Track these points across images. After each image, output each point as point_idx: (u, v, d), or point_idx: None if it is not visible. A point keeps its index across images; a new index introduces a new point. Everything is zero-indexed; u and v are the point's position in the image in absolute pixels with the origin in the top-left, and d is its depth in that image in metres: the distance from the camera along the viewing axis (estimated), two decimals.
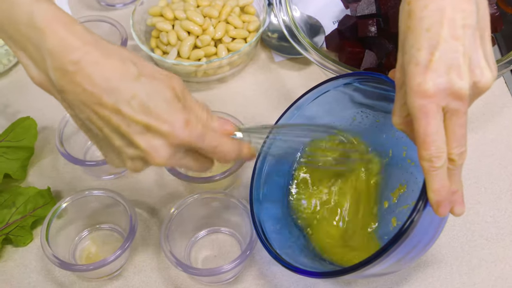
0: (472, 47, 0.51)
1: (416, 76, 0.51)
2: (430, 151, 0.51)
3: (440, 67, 0.50)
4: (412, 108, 0.51)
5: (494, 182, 0.74)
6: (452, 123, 0.51)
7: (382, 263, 0.56)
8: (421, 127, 0.51)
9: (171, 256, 0.65)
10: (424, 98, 0.50)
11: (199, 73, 0.84)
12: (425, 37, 0.51)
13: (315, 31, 0.87)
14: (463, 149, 0.52)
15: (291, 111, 0.70)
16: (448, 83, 0.50)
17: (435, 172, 0.51)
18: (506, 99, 0.81)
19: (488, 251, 0.69)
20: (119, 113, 0.52)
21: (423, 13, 0.51)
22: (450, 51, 0.50)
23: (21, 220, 0.73)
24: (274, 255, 0.62)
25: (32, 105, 0.85)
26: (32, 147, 0.79)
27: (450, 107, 0.51)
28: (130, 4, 0.98)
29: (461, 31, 0.50)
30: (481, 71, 0.51)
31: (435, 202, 0.52)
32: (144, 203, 0.76)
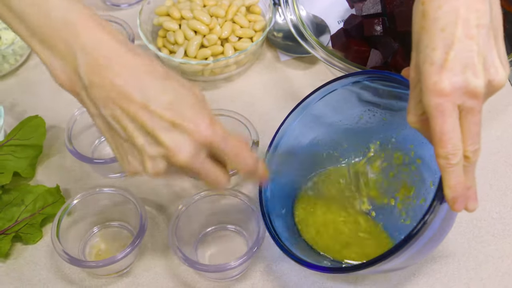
0: (487, 46, 0.51)
1: (432, 75, 0.51)
2: (446, 148, 0.52)
3: (455, 66, 0.51)
4: (428, 107, 0.52)
5: (500, 179, 0.75)
6: (468, 121, 0.52)
7: (393, 261, 0.56)
8: (438, 125, 0.51)
9: (179, 252, 0.66)
10: (440, 96, 0.51)
11: (206, 72, 0.85)
12: (440, 37, 0.51)
13: (320, 30, 0.87)
14: (477, 147, 0.53)
15: (298, 110, 0.71)
16: (464, 81, 0.51)
17: (451, 169, 0.52)
18: (510, 98, 0.82)
19: (494, 247, 0.70)
20: (146, 109, 0.53)
21: (437, 13, 0.52)
22: (465, 51, 0.51)
23: (30, 218, 0.74)
24: (285, 250, 0.63)
25: (39, 104, 0.86)
26: (40, 145, 0.79)
27: (465, 105, 0.51)
28: (135, 4, 0.98)
29: (475, 30, 0.51)
30: (495, 69, 0.52)
31: (451, 198, 0.53)
32: (151, 201, 0.77)
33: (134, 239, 0.68)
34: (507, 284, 0.67)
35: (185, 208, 0.70)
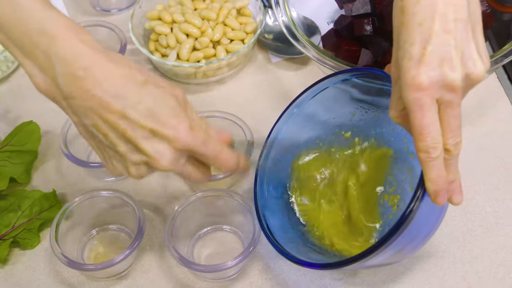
0: (464, 40, 0.52)
1: (410, 70, 0.52)
2: (426, 142, 0.52)
3: (433, 61, 0.51)
4: (407, 102, 0.53)
5: (491, 173, 0.76)
6: (447, 114, 0.53)
7: (383, 253, 0.57)
8: (417, 119, 0.52)
9: (175, 252, 0.67)
10: (418, 91, 0.52)
11: (198, 75, 0.85)
12: (418, 31, 0.52)
13: (311, 31, 0.88)
14: (458, 140, 0.54)
15: (291, 110, 0.72)
16: (441, 75, 0.51)
17: (432, 162, 0.53)
18: (499, 94, 0.83)
19: (489, 240, 0.71)
20: (125, 118, 0.54)
21: (416, 8, 0.53)
22: (442, 45, 0.52)
23: (28, 223, 0.74)
24: (277, 247, 0.64)
25: (33, 110, 0.86)
26: (36, 150, 0.79)
27: (444, 99, 0.52)
28: (125, 9, 0.99)
29: (453, 25, 0.52)
30: (473, 63, 0.52)
31: (433, 191, 0.54)
32: (148, 203, 0.77)
33: (133, 242, 0.68)
34: (503, 276, 0.68)
35: (181, 209, 0.70)
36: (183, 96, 0.58)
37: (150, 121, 0.54)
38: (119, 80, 0.54)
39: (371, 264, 0.60)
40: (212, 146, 0.58)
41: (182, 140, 0.55)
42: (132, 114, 0.54)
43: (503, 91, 0.83)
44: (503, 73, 0.85)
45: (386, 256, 0.59)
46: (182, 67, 0.83)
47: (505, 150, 0.78)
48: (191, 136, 0.56)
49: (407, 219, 0.55)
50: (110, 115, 0.54)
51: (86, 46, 0.54)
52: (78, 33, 0.54)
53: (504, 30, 0.83)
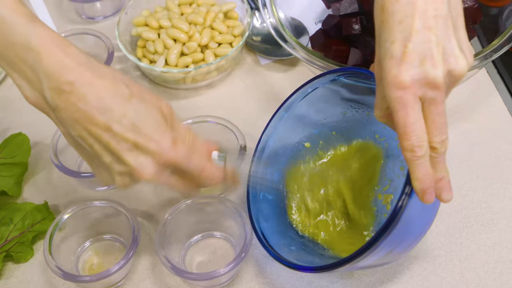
0: (445, 36, 0.52)
1: (392, 68, 0.52)
2: (411, 141, 0.52)
3: (414, 58, 0.51)
4: (390, 101, 0.52)
5: (485, 168, 0.76)
6: (431, 112, 0.52)
7: (376, 253, 0.57)
8: (401, 118, 0.52)
9: (167, 262, 0.66)
10: (401, 89, 0.51)
11: (187, 80, 0.85)
12: (398, 29, 0.52)
13: (299, 32, 0.88)
14: (445, 137, 0.53)
15: (282, 112, 0.72)
16: (422, 73, 0.51)
17: (418, 161, 0.53)
18: (490, 89, 0.83)
19: (485, 235, 0.71)
20: (109, 131, 0.55)
21: (395, 6, 0.52)
22: (423, 42, 0.51)
23: (20, 236, 0.73)
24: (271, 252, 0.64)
25: (22, 121, 0.85)
26: (26, 162, 0.78)
27: (427, 96, 0.52)
28: (110, 16, 0.98)
29: (433, 21, 0.51)
30: (455, 59, 0.52)
31: (420, 190, 0.54)
32: (141, 211, 0.77)
33: (128, 251, 0.67)
34: (500, 271, 0.68)
35: (170, 218, 0.70)
36: (169, 109, 0.59)
37: (133, 135, 0.55)
38: (104, 93, 0.54)
39: (366, 265, 0.60)
40: (196, 161, 0.59)
41: (164, 154, 0.56)
42: (116, 127, 0.55)
43: (493, 86, 0.83)
44: (493, 68, 0.85)
45: (380, 255, 0.59)
46: (171, 72, 0.83)
47: (498, 145, 0.78)
48: (174, 150, 0.57)
49: (395, 218, 0.55)
50: (94, 127, 0.55)
51: (71, 59, 0.54)
52: (62, 47, 0.55)
53: (492, 25, 0.83)
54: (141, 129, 0.55)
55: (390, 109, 0.53)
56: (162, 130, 0.56)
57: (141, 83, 0.89)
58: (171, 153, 0.56)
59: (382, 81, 0.53)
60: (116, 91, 0.55)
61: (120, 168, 0.57)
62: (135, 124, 0.55)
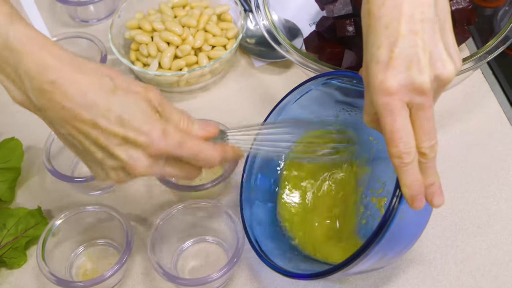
0: (432, 40, 0.51)
1: (378, 74, 0.51)
2: (398, 147, 0.51)
3: (400, 64, 0.50)
4: (377, 106, 0.52)
5: (480, 170, 0.76)
6: (419, 117, 0.52)
7: (368, 259, 0.56)
8: (387, 124, 0.51)
9: (159, 267, 0.66)
10: (387, 95, 0.51)
11: (181, 83, 0.84)
12: (384, 34, 0.51)
13: (293, 34, 0.87)
14: (433, 142, 0.52)
15: (274, 114, 0.71)
16: (409, 78, 0.50)
17: (406, 167, 0.52)
18: (485, 90, 0.83)
19: (481, 238, 0.70)
20: (97, 127, 0.54)
21: (381, 11, 0.52)
22: (409, 47, 0.50)
23: (14, 242, 0.72)
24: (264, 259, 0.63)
25: (14, 125, 0.84)
26: (19, 167, 0.78)
27: (414, 102, 0.51)
28: (104, 19, 0.97)
29: (420, 25, 0.51)
30: (442, 63, 0.51)
31: (409, 196, 0.53)
32: (136, 215, 0.76)
33: (121, 256, 0.67)
34: (496, 274, 0.68)
35: (162, 223, 0.69)
36: (158, 97, 0.57)
37: (121, 129, 0.54)
38: (87, 89, 0.53)
39: (359, 270, 0.60)
40: (189, 147, 0.57)
41: (155, 145, 0.55)
42: (103, 123, 0.54)
43: (489, 87, 0.83)
44: (488, 69, 0.84)
45: (373, 261, 0.58)
46: (164, 76, 0.82)
47: (493, 146, 0.77)
48: (164, 140, 0.55)
49: (386, 223, 0.54)
50: (81, 124, 0.54)
51: (52, 58, 0.53)
52: (44, 46, 0.54)
53: (487, 26, 0.83)
54: (129, 122, 0.54)
55: (377, 115, 0.52)
56: (151, 121, 0.55)
57: None
58: (161, 144, 0.55)
59: (369, 86, 0.53)
60: (100, 85, 0.54)
61: (112, 163, 0.56)
62: (122, 117, 0.54)
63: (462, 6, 0.79)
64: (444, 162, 0.76)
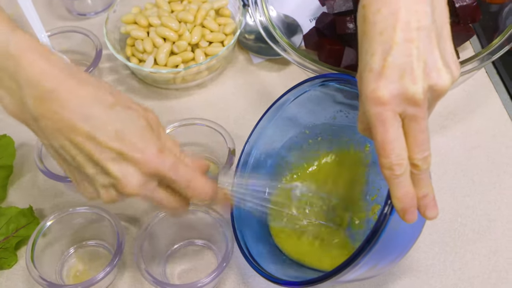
0: (427, 49, 0.49)
1: (370, 82, 0.49)
2: (390, 159, 0.49)
3: (393, 73, 0.48)
4: (368, 116, 0.50)
5: (482, 174, 0.74)
6: (412, 129, 0.50)
7: (358, 268, 0.55)
8: (379, 135, 0.49)
9: (148, 275, 0.64)
10: (379, 105, 0.49)
11: (177, 80, 0.83)
12: (378, 41, 0.49)
13: (292, 30, 0.85)
14: (427, 154, 0.50)
15: (272, 113, 0.69)
16: (401, 88, 0.48)
17: (397, 180, 0.50)
18: (488, 90, 0.80)
19: (480, 244, 0.69)
20: (92, 140, 0.53)
21: (376, 17, 0.50)
22: (403, 55, 0.48)
23: (4, 242, 0.71)
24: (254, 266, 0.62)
25: (6, 122, 0.82)
26: (11, 165, 0.77)
27: (407, 113, 0.49)
28: (101, 12, 0.96)
29: (415, 33, 0.49)
30: (437, 73, 0.49)
31: (400, 209, 0.51)
32: (128, 216, 0.75)
33: (113, 258, 0.66)
34: (495, 281, 0.66)
35: (150, 227, 0.68)
36: (156, 120, 0.57)
37: (117, 143, 0.53)
38: (86, 101, 0.53)
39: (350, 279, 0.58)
40: (183, 172, 0.56)
41: (150, 163, 0.54)
42: (100, 136, 0.52)
43: (493, 87, 0.81)
44: (492, 68, 0.82)
45: (363, 270, 0.57)
46: (160, 73, 0.80)
47: (497, 149, 0.75)
48: (160, 159, 0.54)
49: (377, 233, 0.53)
50: (77, 136, 0.53)
51: (52, 67, 0.52)
52: (44, 55, 0.53)
53: (491, 23, 0.80)
54: (125, 138, 0.53)
55: (369, 125, 0.50)
56: (147, 138, 0.54)
57: (131, 83, 0.87)
58: (156, 162, 0.54)
59: (362, 95, 0.51)
60: (100, 98, 0.53)
61: (104, 180, 0.55)
62: (120, 132, 0.53)
63: (467, 3, 0.77)
64: (444, 164, 0.74)
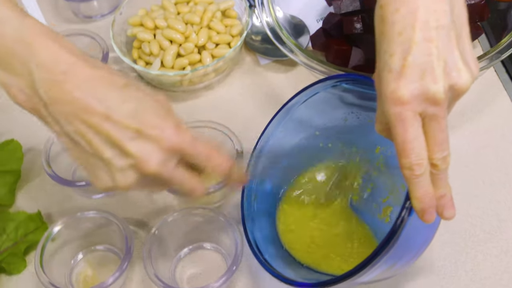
0: (447, 48, 0.49)
1: (390, 83, 0.49)
2: (410, 159, 0.49)
3: (413, 72, 0.48)
4: (388, 116, 0.50)
5: (492, 173, 0.73)
6: (432, 128, 0.50)
7: (376, 268, 0.54)
8: (399, 135, 0.49)
9: (157, 279, 0.64)
10: (399, 105, 0.49)
11: (184, 82, 0.82)
12: (397, 41, 0.49)
13: (299, 31, 0.85)
14: (446, 153, 0.50)
15: (281, 115, 0.69)
16: (422, 88, 0.48)
17: (417, 179, 0.50)
18: (497, 89, 0.80)
19: (491, 244, 0.68)
20: (109, 120, 0.51)
21: (395, 17, 0.49)
22: (423, 55, 0.48)
23: (13, 247, 0.71)
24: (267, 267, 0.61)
25: (13, 127, 0.83)
26: (19, 170, 0.76)
27: (427, 112, 0.49)
28: (108, 14, 0.95)
29: (435, 32, 0.49)
30: (458, 73, 0.49)
31: (420, 209, 0.51)
32: (137, 220, 0.74)
33: (122, 263, 0.66)
34: (507, 283, 0.65)
35: (158, 231, 0.67)
36: (167, 102, 0.56)
37: (134, 121, 0.52)
38: (99, 82, 0.52)
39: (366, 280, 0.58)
40: (202, 146, 0.55)
41: (170, 138, 0.52)
42: (116, 115, 0.51)
43: (502, 85, 0.80)
44: (501, 66, 0.81)
45: (381, 270, 0.56)
46: (167, 75, 0.80)
47: (506, 148, 0.75)
48: (178, 135, 0.53)
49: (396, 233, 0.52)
50: (93, 117, 0.51)
51: (64, 51, 0.52)
52: (55, 39, 0.52)
53: (500, 21, 0.80)
54: (142, 115, 0.52)
55: (389, 125, 0.50)
56: (163, 116, 0.53)
57: None
58: (176, 137, 0.52)
59: (381, 95, 0.51)
60: (112, 80, 0.53)
61: (122, 162, 0.53)
62: (136, 110, 0.52)
63: (475, 2, 0.76)
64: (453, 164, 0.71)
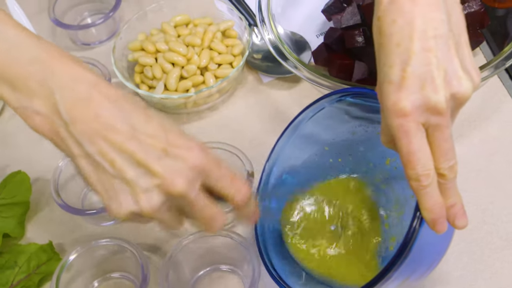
0: (446, 57, 0.49)
1: (391, 95, 0.49)
2: (416, 170, 0.49)
3: (413, 83, 0.48)
4: (391, 128, 0.50)
5: (504, 180, 0.73)
6: (436, 138, 0.49)
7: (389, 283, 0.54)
8: (403, 146, 0.49)
9: None
10: (401, 117, 0.49)
11: (188, 105, 0.82)
12: (396, 52, 0.49)
13: (301, 47, 0.85)
14: (452, 162, 0.50)
15: (289, 133, 0.69)
16: (423, 98, 0.48)
17: (425, 190, 0.50)
18: (502, 95, 0.80)
19: (508, 251, 0.68)
20: (134, 139, 0.50)
21: (392, 28, 0.50)
22: (422, 65, 0.48)
23: (26, 280, 0.70)
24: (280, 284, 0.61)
25: (20, 157, 0.83)
26: (27, 201, 0.76)
27: (430, 122, 0.49)
28: (106, 41, 0.95)
29: (433, 42, 0.49)
30: (458, 81, 0.49)
31: (430, 220, 0.51)
32: (150, 245, 0.74)
33: None
34: None
35: (173, 256, 0.67)
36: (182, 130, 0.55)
37: (160, 140, 0.51)
38: (124, 102, 0.51)
39: None
40: (225, 168, 0.54)
41: (197, 158, 0.51)
42: (141, 134, 0.50)
43: (506, 91, 0.80)
44: (504, 73, 0.81)
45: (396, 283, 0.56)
46: (171, 98, 0.80)
47: None
48: (205, 154, 0.52)
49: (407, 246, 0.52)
50: (117, 136, 0.50)
51: (85, 70, 0.51)
52: (74, 59, 0.52)
53: (500, 28, 0.80)
54: (167, 135, 0.51)
55: (393, 137, 0.50)
56: (185, 135, 0.52)
57: None
58: (202, 157, 0.51)
59: (383, 107, 0.50)
60: (135, 100, 0.52)
61: (147, 182, 0.51)
62: (161, 129, 0.51)
63: (474, 10, 0.77)
64: (464, 173, 0.73)
